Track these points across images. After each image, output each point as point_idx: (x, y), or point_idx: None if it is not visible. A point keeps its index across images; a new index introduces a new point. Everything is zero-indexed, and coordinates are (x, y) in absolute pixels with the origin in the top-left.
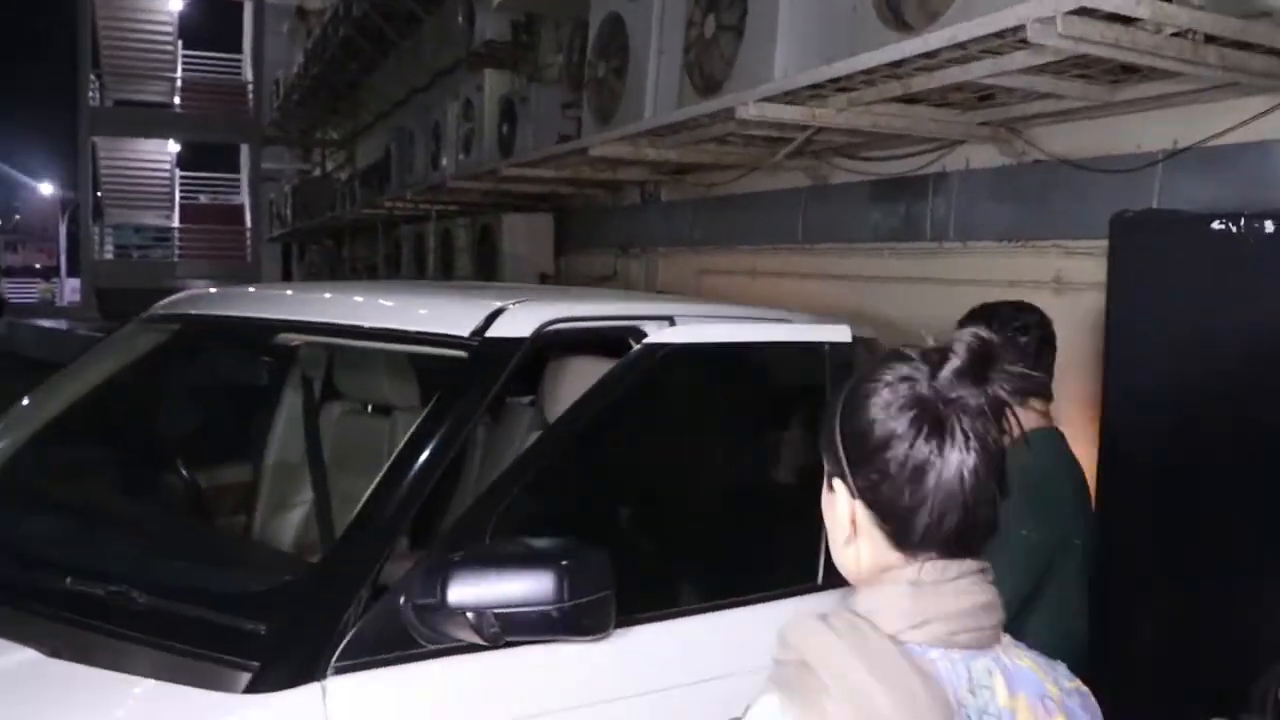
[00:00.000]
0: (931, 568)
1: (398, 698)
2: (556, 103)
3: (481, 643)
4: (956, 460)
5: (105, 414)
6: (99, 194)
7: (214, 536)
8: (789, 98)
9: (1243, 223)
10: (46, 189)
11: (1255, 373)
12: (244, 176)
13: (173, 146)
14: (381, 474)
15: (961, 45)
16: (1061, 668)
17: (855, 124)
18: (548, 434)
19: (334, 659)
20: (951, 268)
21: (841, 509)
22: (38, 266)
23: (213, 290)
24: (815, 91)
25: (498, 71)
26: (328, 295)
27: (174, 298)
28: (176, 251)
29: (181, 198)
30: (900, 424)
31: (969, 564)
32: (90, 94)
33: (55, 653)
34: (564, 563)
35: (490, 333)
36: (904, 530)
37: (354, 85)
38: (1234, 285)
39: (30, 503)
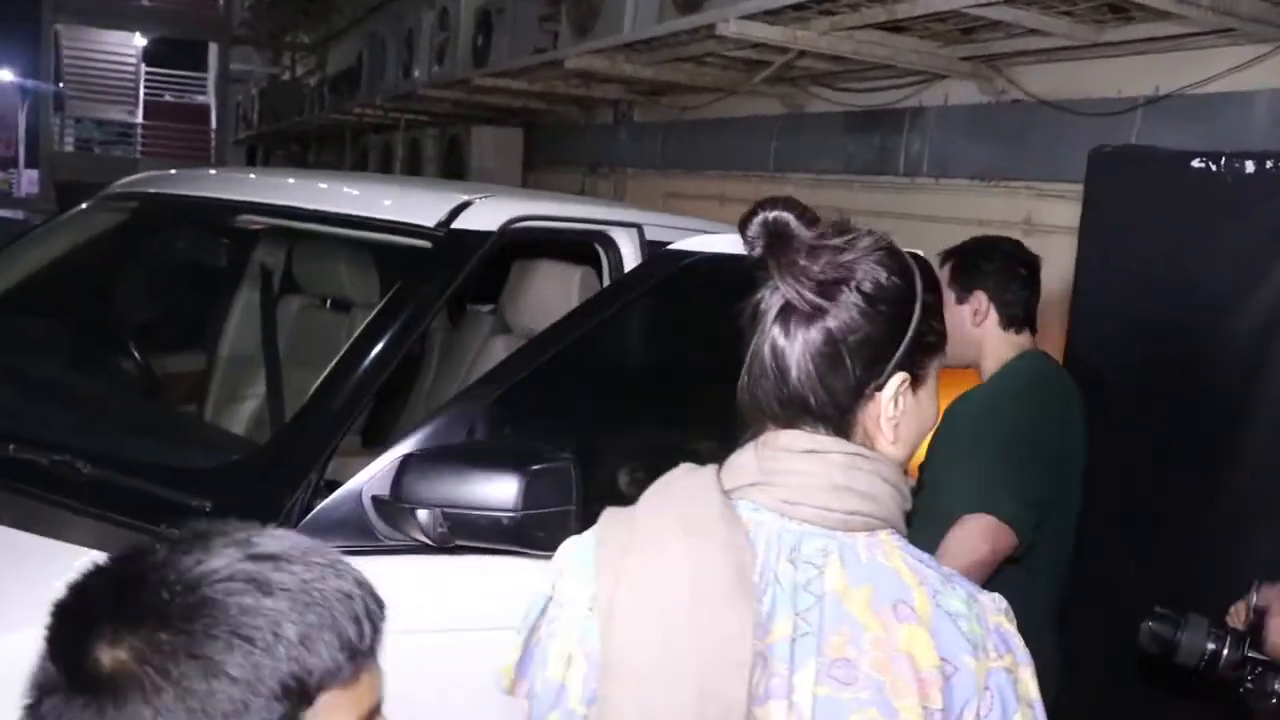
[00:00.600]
0: (775, 435)
1: None
2: (534, 15)
3: (429, 543)
4: (765, 327)
5: (59, 291)
6: (61, 84)
7: (164, 415)
8: (771, 17)
9: (1223, 161)
10: (5, 76)
11: (1228, 314)
12: (211, 76)
13: (139, 40)
14: (335, 360)
15: None
16: (991, 618)
17: (837, 49)
18: (551, 330)
19: None
20: (922, 204)
21: None
22: None
23: (174, 171)
24: (798, 13)
25: None
26: (293, 180)
27: (134, 177)
28: (139, 148)
29: (146, 94)
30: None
31: (825, 440)
32: None
33: None
34: (525, 469)
35: (456, 224)
36: (740, 388)
37: None
38: (1210, 224)
39: None
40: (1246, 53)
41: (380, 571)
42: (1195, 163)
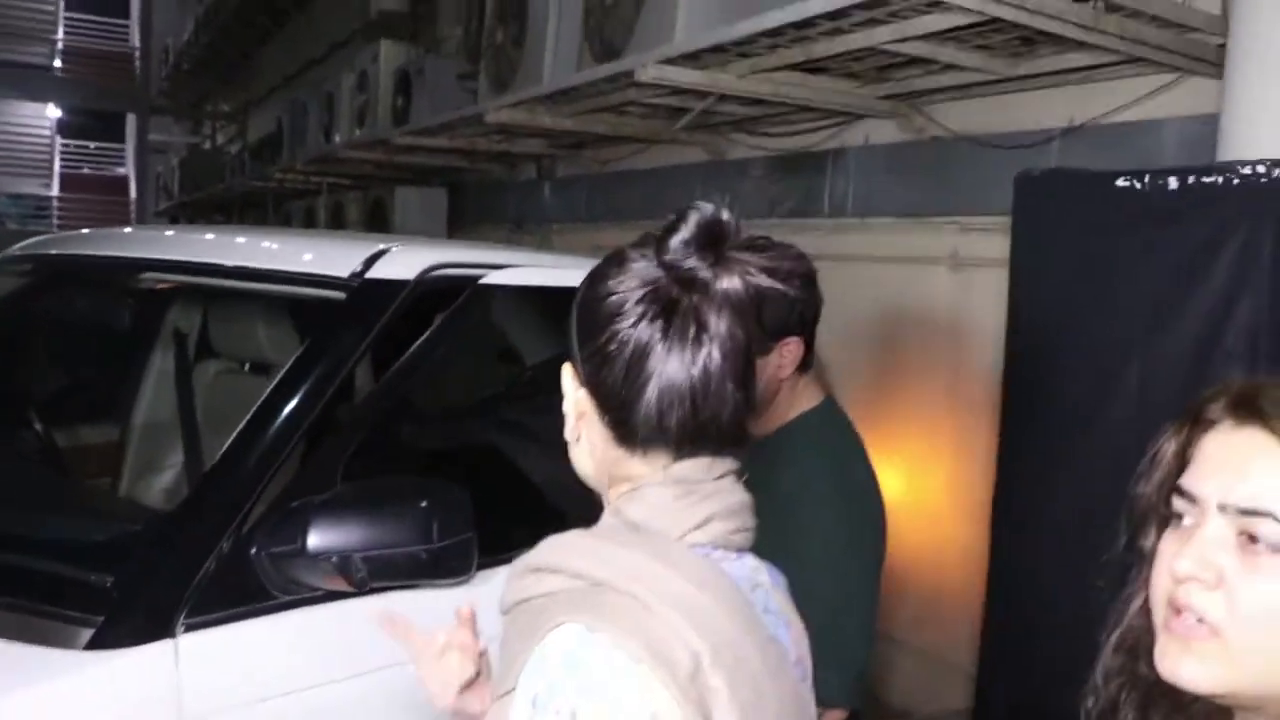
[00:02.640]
0: (695, 465)
1: (255, 652)
2: (453, 75)
3: (343, 589)
4: (682, 350)
5: None
6: None
7: (61, 488)
8: (689, 61)
9: (1147, 180)
10: None
11: (1160, 328)
12: (129, 147)
13: (53, 112)
14: (244, 421)
15: (867, 5)
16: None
17: (756, 90)
18: (389, 377)
19: (185, 614)
20: (849, 244)
21: (569, 397)
22: None
23: (81, 231)
24: (716, 56)
25: (394, 43)
26: (201, 236)
27: (33, 240)
28: (55, 222)
29: (62, 166)
30: (628, 299)
31: (729, 462)
32: None
33: None
34: (431, 503)
35: (371, 274)
36: (622, 422)
37: (247, 55)
38: (1137, 242)
39: None
40: (1153, 81)
41: (300, 625)
42: (1120, 181)
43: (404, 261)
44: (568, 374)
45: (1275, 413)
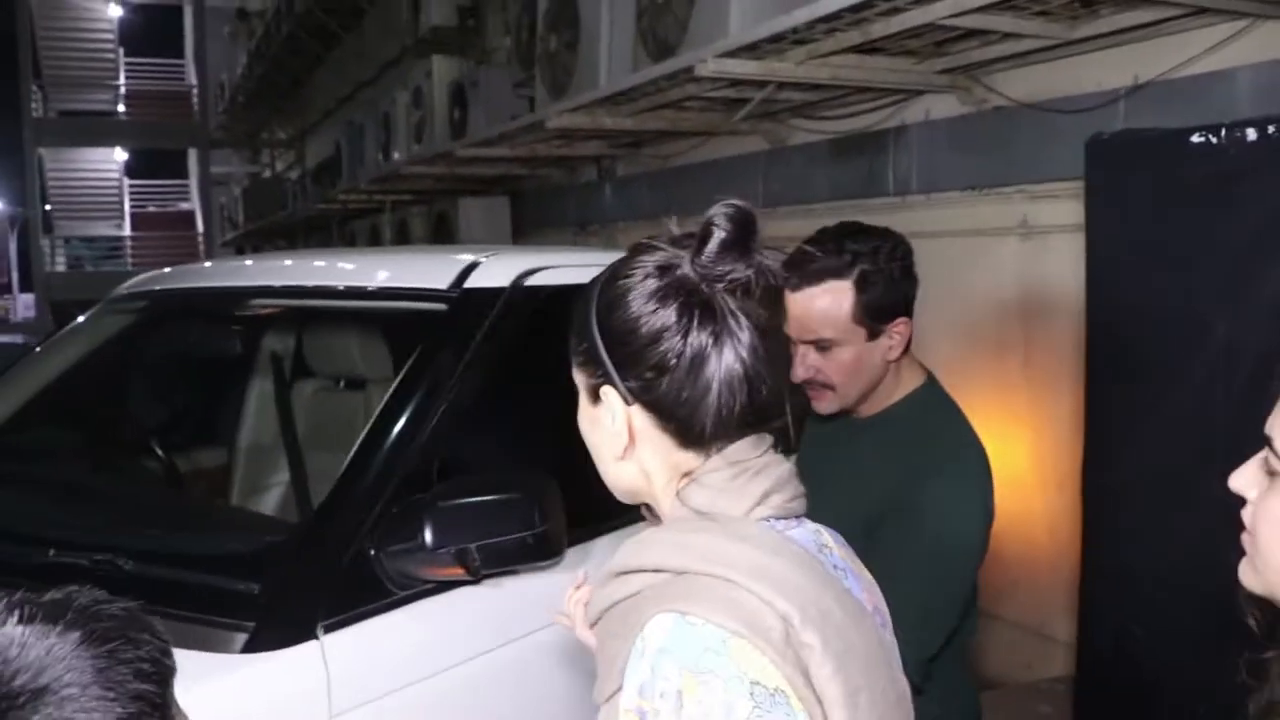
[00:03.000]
0: (744, 446)
1: (385, 646)
2: (507, 84)
3: (457, 579)
4: (732, 344)
5: (78, 397)
6: (47, 207)
7: (196, 506)
8: (748, 53)
9: (1223, 133)
10: None
11: (1248, 284)
12: (193, 181)
13: (120, 155)
14: (366, 430)
15: None
16: None
17: (814, 76)
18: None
19: (325, 615)
20: (915, 220)
21: (616, 419)
22: None
23: (184, 267)
24: (774, 45)
25: (445, 57)
26: (296, 262)
27: (141, 277)
28: (130, 261)
29: (131, 206)
30: (669, 314)
31: (768, 437)
32: (33, 105)
33: None
34: (530, 492)
35: (468, 284)
36: (689, 426)
37: (299, 83)
38: (1217, 198)
39: (6, 481)
40: (1222, 31)
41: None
42: (1195, 138)
43: (497, 270)
44: (610, 396)
45: None
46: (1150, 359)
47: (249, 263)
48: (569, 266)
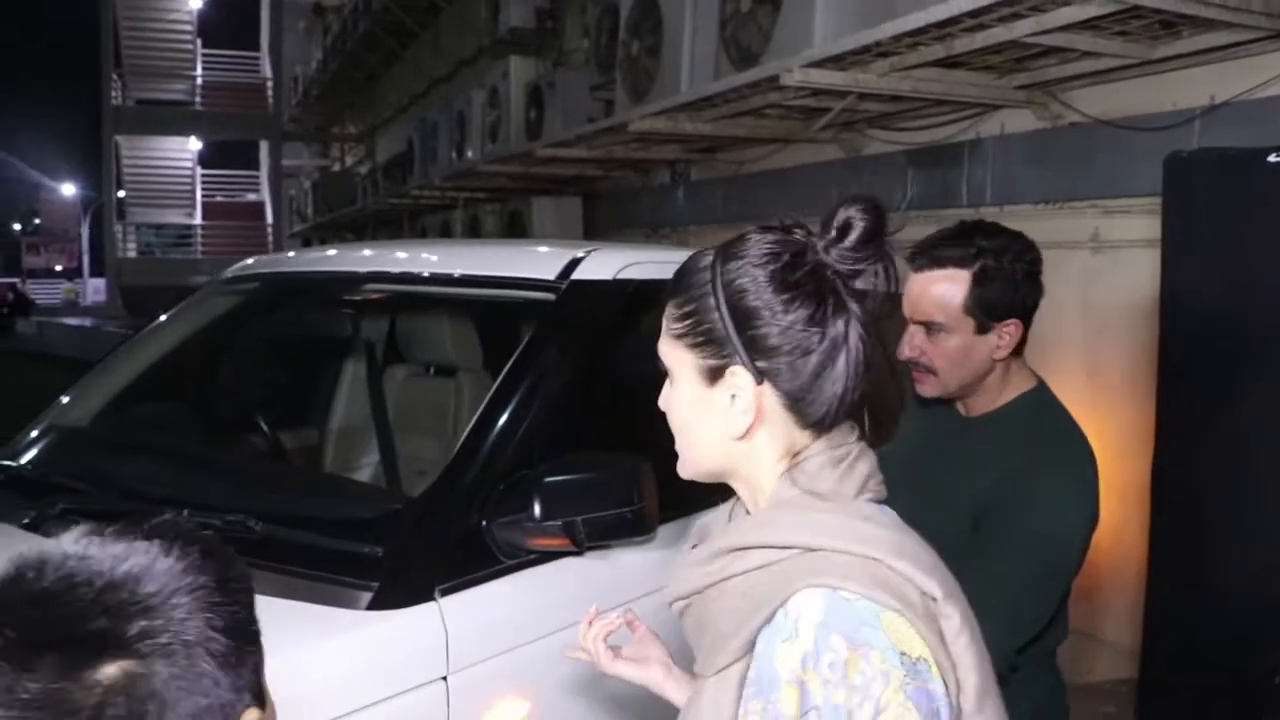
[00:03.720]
0: (841, 431)
1: (496, 610)
2: (584, 86)
3: (563, 550)
4: (856, 333)
5: (189, 372)
6: (121, 193)
7: (312, 476)
8: (832, 63)
9: None
10: (68, 190)
11: None
12: (264, 173)
13: (194, 144)
14: (480, 410)
15: (1009, 1)
16: None
17: (896, 88)
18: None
19: (442, 579)
20: None
21: (742, 398)
22: (58, 268)
23: (290, 253)
24: (857, 57)
25: (523, 58)
26: (406, 251)
27: (249, 260)
28: (199, 249)
29: (203, 195)
30: (810, 300)
31: (851, 422)
32: (113, 94)
33: None
34: (633, 471)
35: (575, 276)
36: (815, 409)
37: (373, 79)
38: None
39: (129, 449)
40: None
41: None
42: (1272, 157)
43: (602, 263)
44: (738, 376)
45: None
46: (1223, 370)
47: (364, 251)
48: (665, 262)
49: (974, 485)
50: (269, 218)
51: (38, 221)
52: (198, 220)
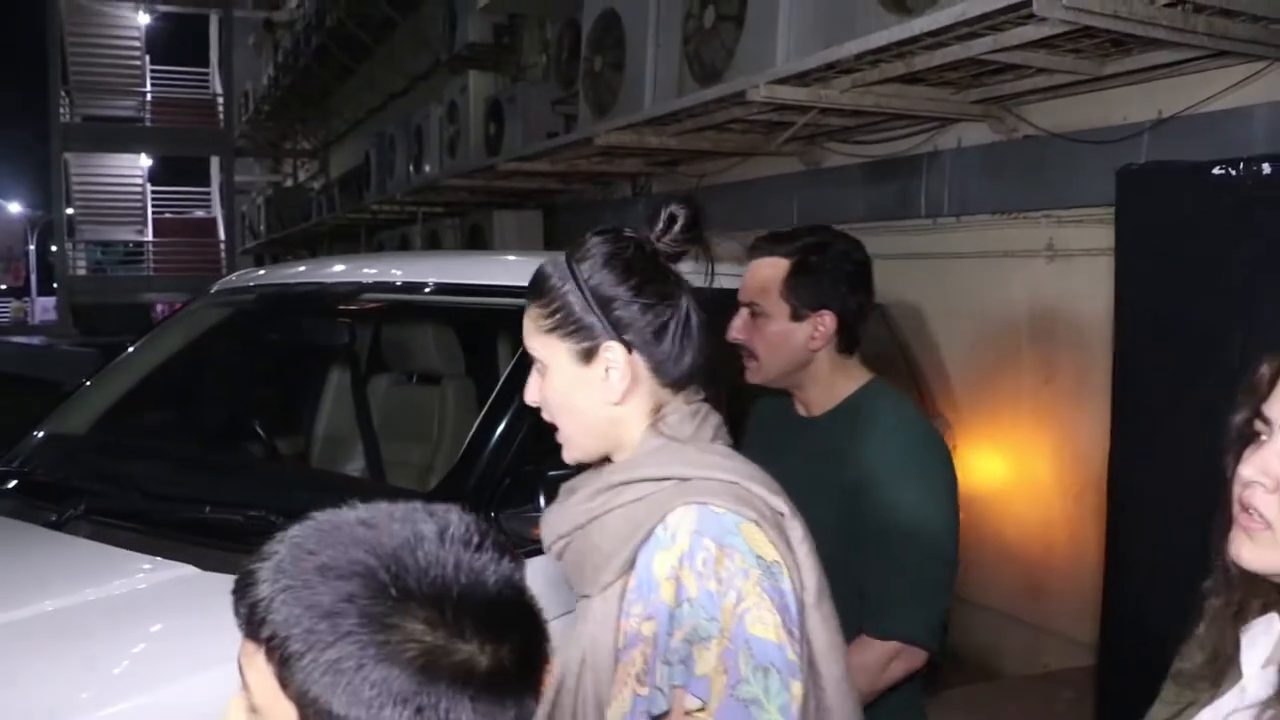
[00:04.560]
0: (691, 391)
1: None
2: (544, 101)
3: None
4: (694, 306)
5: (184, 380)
6: (70, 211)
7: (327, 475)
8: (796, 80)
9: (1241, 166)
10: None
11: (1257, 307)
12: (215, 189)
13: (144, 161)
14: (486, 408)
15: (968, 22)
16: None
17: (859, 104)
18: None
19: None
20: (946, 242)
21: (616, 370)
22: (3, 287)
23: (280, 267)
24: (820, 74)
25: (481, 73)
26: (391, 263)
27: (236, 274)
28: (151, 266)
29: (154, 212)
30: (661, 282)
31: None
32: (61, 110)
33: (207, 568)
34: None
35: None
36: (674, 368)
37: (326, 94)
38: (1235, 226)
39: (134, 453)
40: (1240, 72)
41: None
42: (1215, 170)
43: None
44: (610, 353)
45: None
46: (1172, 372)
47: (347, 264)
48: None
49: (831, 484)
50: (221, 234)
51: None
52: (149, 237)
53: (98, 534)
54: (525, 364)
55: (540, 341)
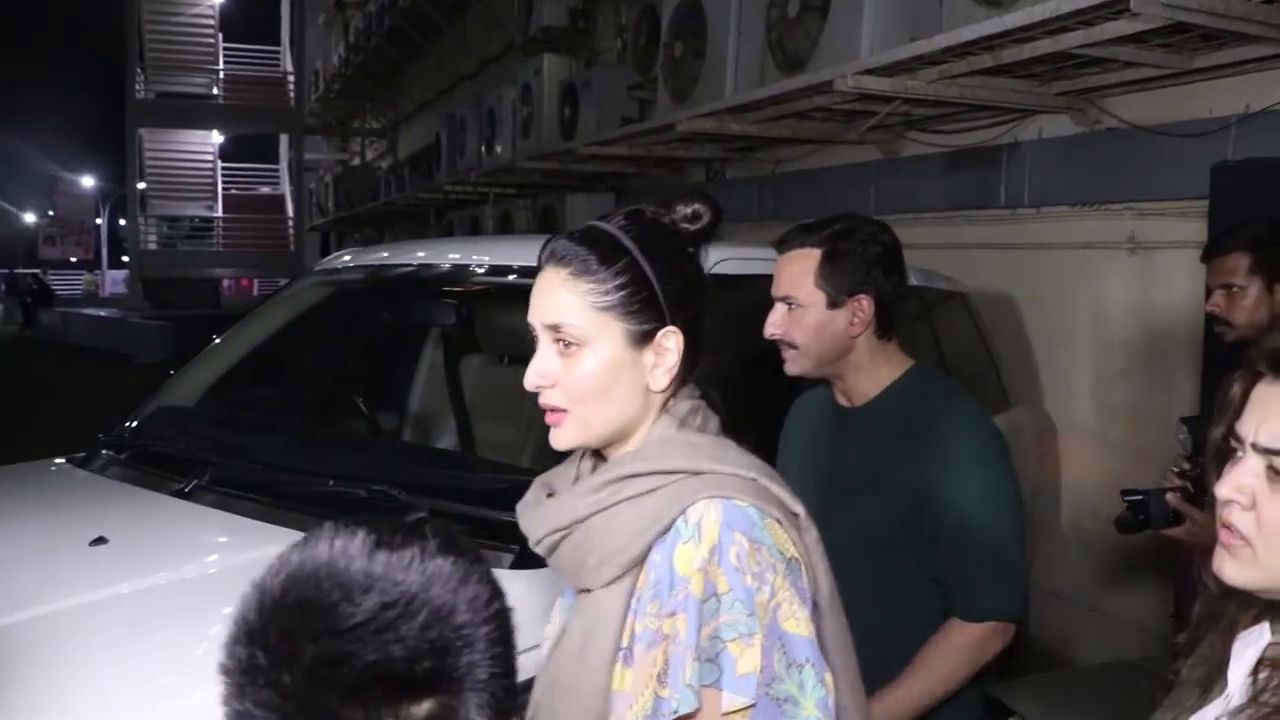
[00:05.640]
0: (693, 384)
1: None
2: (620, 85)
3: None
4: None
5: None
6: (141, 186)
7: (435, 452)
8: (882, 71)
9: None
10: (87, 182)
11: None
12: (284, 166)
13: (215, 138)
14: None
15: (1060, 16)
16: None
17: (943, 94)
18: None
19: None
20: (1024, 233)
21: (670, 352)
22: (73, 260)
23: (376, 249)
24: (907, 65)
25: (556, 56)
26: (492, 245)
27: (339, 254)
28: (220, 241)
29: (224, 188)
30: (699, 263)
31: None
32: (136, 87)
33: None
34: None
35: None
36: (698, 357)
37: (396, 74)
38: None
39: (248, 426)
40: None
41: None
42: None
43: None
44: (664, 337)
45: None
46: None
47: (445, 246)
48: (753, 258)
49: (889, 473)
50: (289, 211)
51: (51, 214)
52: (219, 213)
53: (222, 503)
54: None
55: (588, 319)
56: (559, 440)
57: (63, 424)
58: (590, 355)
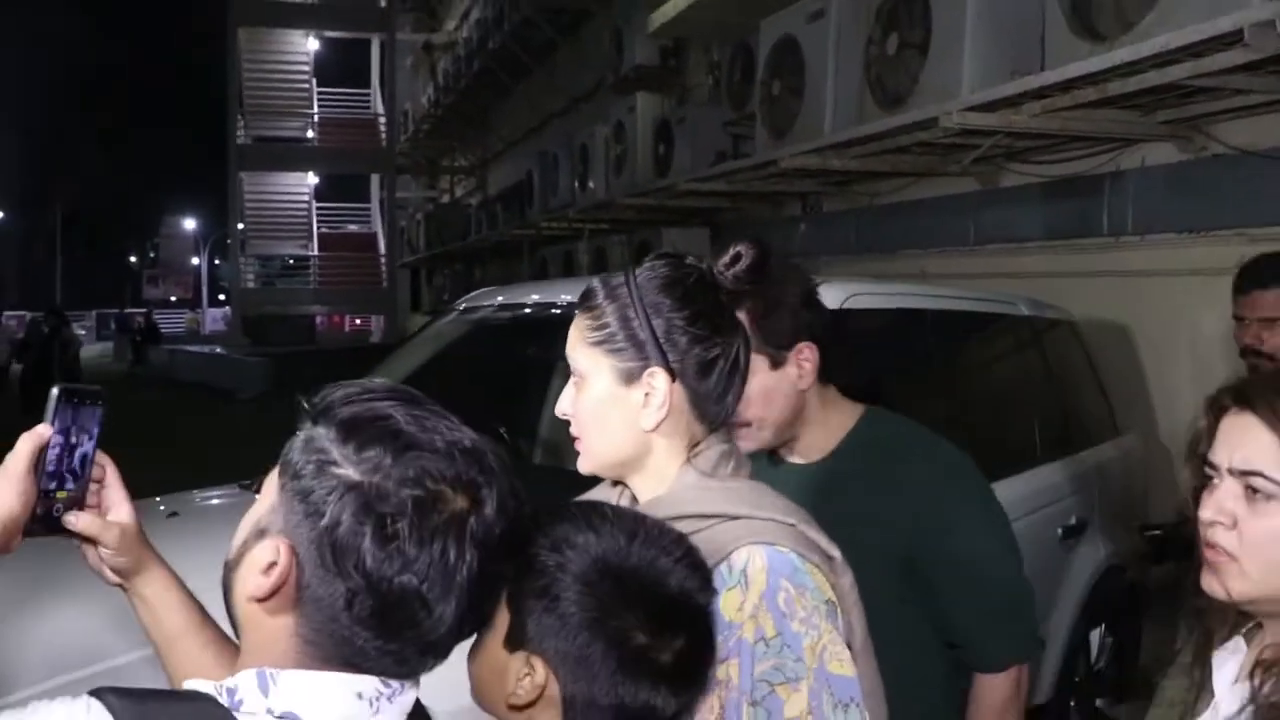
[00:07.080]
0: (723, 431)
1: None
2: (714, 122)
3: None
4: (744, 350)
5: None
6: (240, 226)
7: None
8: (983, 106)
9: None
10: (188, 225)
11: None
12: (375, 205)
13: (310, 179)
14: None
15: (1170, 51)
16: None
17: (1046, 127)
18: None
19: None
20: (1129, 260)
21: (657, 396)
22: (173, 299)
23: (512, 287)
24: (1011, 100)
25: (648, 94)
26: None
27: (479, 292)
28: (316, 279)
29: (318, 227)
30: (721, 316)
31: None
32: (237, 132)
33: None
34: None
35: None
36: (716, 407)
37: (485, 113)
38: None
39: None
40: None
41: None
42: None
43: (833, 293)
44: (654, 378)
45: (1260, 400)
46: None
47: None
48: (885, 293)
49: (867, 525)
50: (381, 248)
51: (154, 255)
52: (314, 251)
53: None
54: None
55: (584, 354)
56: (580, 465)
57: (194, 449)
58: (587, 389)
